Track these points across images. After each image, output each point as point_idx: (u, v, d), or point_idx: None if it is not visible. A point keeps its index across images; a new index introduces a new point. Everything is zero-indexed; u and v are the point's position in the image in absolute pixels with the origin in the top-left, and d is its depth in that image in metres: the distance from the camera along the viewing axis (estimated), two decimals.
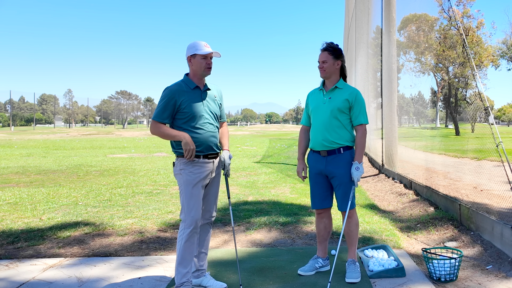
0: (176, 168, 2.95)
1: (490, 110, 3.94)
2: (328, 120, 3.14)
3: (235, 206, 5.88)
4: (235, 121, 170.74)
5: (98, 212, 5.58)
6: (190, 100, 2.90)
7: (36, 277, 3.30)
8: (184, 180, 2.88)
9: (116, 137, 37.33)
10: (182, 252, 2.85)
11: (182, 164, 2.90)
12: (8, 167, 11.65)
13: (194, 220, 2.87)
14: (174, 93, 2.87)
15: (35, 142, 26.99)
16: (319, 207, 3.31)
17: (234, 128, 79.06)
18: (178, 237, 2.91)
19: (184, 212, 2.89)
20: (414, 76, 26.60)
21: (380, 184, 7.77)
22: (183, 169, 2.89)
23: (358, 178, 3.13)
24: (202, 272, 3.09)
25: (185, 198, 2.87)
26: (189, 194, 2.86)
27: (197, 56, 2.90)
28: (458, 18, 4.92)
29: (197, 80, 2.97)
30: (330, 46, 3.21)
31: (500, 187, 4.78)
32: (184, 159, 2.89)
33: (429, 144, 9.77)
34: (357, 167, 3.12)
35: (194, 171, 2.89)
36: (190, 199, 2.86)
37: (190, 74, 3.00)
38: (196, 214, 2.88)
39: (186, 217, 2.87)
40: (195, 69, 2.93)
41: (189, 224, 2.86)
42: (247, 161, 13.03)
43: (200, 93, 2.96)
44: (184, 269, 2.85)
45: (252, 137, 37.45)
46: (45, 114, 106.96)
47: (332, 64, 3.18)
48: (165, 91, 2.90)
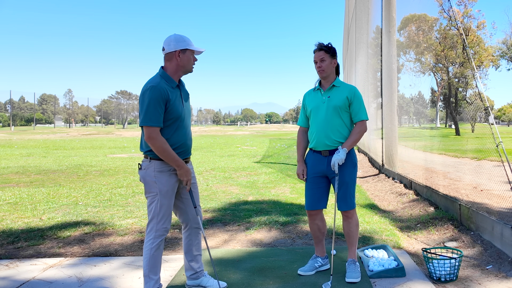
0: (149, 173, 2.67)
1: (490, 110, 3.94)
2: (330, 119, 3.13)
3: (235, 206, 5.88)
4: (235, 121, 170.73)
5: (98, 212, 5.59)
6: (174, 100, 2.66)
7: (36, 277, 3.30)
8: (160, 189, 2.66)
9: (116, 137, 37.33)
10: (153, 261, 2.72)
11: (157, 171, 2.66)
12: (8, 167, 11.65)
13: (166, 230, 2.74)
14: (165, 92, 2.60)
15: (35, 142, 26.99)
16: (313, 208, 3.28)
17: (234, 128, 79.04)
18: (146, 246, 2.72)
19: (154, 222, 2.70)
20: (414, 76, 26.61)
21: (380, 184, 7.77)
22: (158, 176, 2.66)
23: (335, 163, 3.03)
24: (200, 272, 3.04)
25: (158, 207, 2.68)
26: (163, 204, 2.68)
27: (187, 52, 2.71)
28: (458, 18, 4.93)
29: (177, 77, 2.74)
30: (325, 45, 3.18)
31: (500, 187, 4.78)
32: (159, 165, 2.67)
33: (429, 144, 9.77)
34: (338, 151, 3.05)
35: (171, 180, 2.70)
36: (162, 209, 2.69)
37: (169, 69, 2.71)
38: (168, 224, 2.74)
39: (156, 227, 2.70)
40: (183, 64, 2.71)
41: (160, 234, 2.72)
42: (247, 161, 13.03)
43: (179, 92, 2.76)
44: (155, 276, 2.75)
45: (252, 137, 37.45)
46: (45, 114, 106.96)
47: (329, 63, 3.17)
48: (152, 90, 2.56)
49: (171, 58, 2.71)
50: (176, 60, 2.70)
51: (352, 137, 3.13)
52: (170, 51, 2.69)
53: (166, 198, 2.70)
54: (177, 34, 2.73)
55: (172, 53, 2.69)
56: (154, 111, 2.55)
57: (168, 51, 2.69)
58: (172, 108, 2.64)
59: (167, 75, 2.70)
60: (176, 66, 2.71)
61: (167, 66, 2.73)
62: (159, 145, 2.58)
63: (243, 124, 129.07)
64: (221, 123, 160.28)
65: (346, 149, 3.07)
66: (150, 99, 2.55)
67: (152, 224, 2.72)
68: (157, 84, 2.60)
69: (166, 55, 2.72)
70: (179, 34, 2.75)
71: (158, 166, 2.67)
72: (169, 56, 2.71)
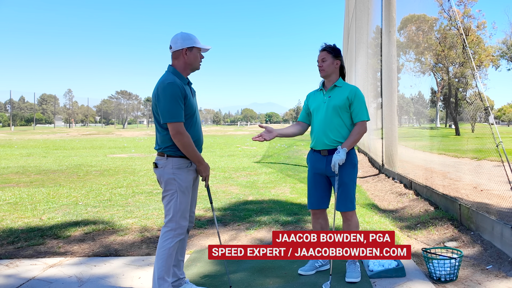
0: (167, 171, 2.67)
1: (490, 110, 3.94)
2: (329, 119, 3.14)
3: (235, 206, 5.88)
4: (235, 121, 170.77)
5: (98, 212, 5.59)
6: (189, 96, 2.70)
7: (36, 277, 3.30)
8: (179, 186, 2.66)
9: (116, 137, 37.32)
10: (170, 261, 2.66)
11: (175, 168, 2.66)
12: (8, 167, 11.65)
13: (185, 228, 2.72)
14: (182, 88, 2.61)
15: (35, 142, 26.99)
16: (316, 207, 3.29)
17: (234, 128, 79.01)
18: (164, 246, 2.65)
19: (174, 221, 2.67)
20: (414, 76, 26.62)
21: (380, 184, 7.77)
22: (177, 173, 2.66)
23: (335, 163, 3.02)
24: (183, 279, 2.92)
25: (178, 205, 2.66)
26: (182, 201, 2.68)
27: (194, 49, 2.72)
28: (458, 18, 4.92)
29: (186, 74, 2.76)
30: (329, 46, 3.23)
31: (500, 187, 4.77)
32: (177, 162, 2.67)
33: (429, 144, 9.78)
34: (338, 151, 3.04)
35: (189, 176, 2.72)
36: (182, 206, 2.68)
37: (178, 67, 2.73)
38: (186, 222, 2.73)
39: (176, 225, 2.67)
40: (190, 62, 2.72)
41: (180, 233, 2.69)
42: (247, 161, 13.03)
43: (190, 89, 2.79)
44: (169, 278, 2.68)
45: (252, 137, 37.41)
46: (45, 114, 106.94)
47: (331, 63, 3.18)
48: (171, 86, 2.56)
49: (178, 56, 2.72)
50: (183, 58, 2.71)
51: (352, 137, 3.13)
52: (177, 49, 2.70)
53: (185, 195, 2.69)
54: (183, 32, 2.74)
55: (179, 51, 2.70)
56: (177, 106, 2.57)
57: (175, 49, 2.70)
58: (189, 104, 2.67)
59: (178, 72, 2.71)
60: (183, 64, 2.73)
61: (175, 64, 2.74)
62: (186, 140, 2.60)
63: (243, 124, 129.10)
64: (221, 123, 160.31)
65: (346, 149, 3.07)
66: (171, 96, 2.56)
67: (172, 223, 2.67)
68: (173, 80, 2.61)
69: (173, 53, 2.73)
70: (185, 32, 2.76)
71: (176, 163, 2.67)
72: (176, 54, 2.72)
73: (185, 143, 2.60)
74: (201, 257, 3.72)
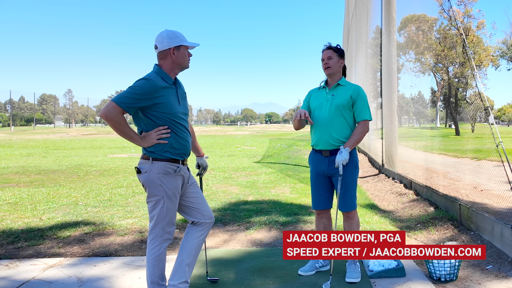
0: (152, 177, 2.52)
1: (490, 110, 3.94)
2: (332, 117, 3.13)
3: (235, 206, 5.88)
4: (235, 121, 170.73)
5: (98, 212, 5.59)
6: (168, 96, 2.54)
7: (36, 277, 3.30)
8: (165, 192, 2.53)
9: (116, 137, 37.30)
10: (161, 266, 2.62)
11: (161, 174, 2.53)
12: (8, 167, 11.65)
13: (173, 233, 2.64)
14: (154, 89, 2.47)
15: (35, 142, 26.99)
16: (320, 207, 3.31)
17: (234, 128, 79.04)
18: (152, 254, 2.58)
19: (160, 227, 2.56)
20: (414, 76, 26.61)
21: (380, 184, 7.77)
22: (163, 179, 2.53)
23: (339, 163, 3.01)
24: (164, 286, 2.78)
25: (164, 212, 2.55)
26: (169, 208, 2.56)
27: (182, 48, 2.59)
28: (458, 18, 4.93)
29: (173, 74, 2.62)
30: (334, 46, 3.25)
31: (500, 187, 4.77)
32: (163, 167, 2.53)
33: (429, 144, 9.78)
34: (341, 151, 3.03)
35: (177, 181, 2.59)
36: (169, 213, 2.57)
37: (165, 67, 2.59)
38: (173, 227, 2.64)
39: (162, 231, 2.57)
40: (179, 61, 2.59)
41: (166, 239, 2.61)
42: (247, 161, 13.03)
43: (175, 90, 2.63)
44: (163, 281, 2.66)
45: (252, 137, 37.45)
46: (45, 114, 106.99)
47: (337, 62, 3.20)
48: (141, 82, 2.46)
49: (166, 56, 2.58)
50: (171, 57, 2.58)
51: (354, 137, 3.12)
52: (164, 49, 2.56)
53: (172, 201, 2.58)
54: (169, 30, 2.60)
55: (166, 51, 2.57)
56: (128, 94, 2.43)
57: (161, 49, 2.56)
58: (164, 106, 2.52)
59: (164, 72, 2.57)
60: (171, 63, 2.59)
61: (162, 64, 2.60)
62: (116, 119, 2.44)
63: (243, 124, 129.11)
64: (221, 123, 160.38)
65: (349, 149, 3.07)
66: (132, 87, 2.45)
67: (157, 230, 2.58)
68: (149, 77, 2.49)
69: (159, 53, 2.59)
70: (171, 30, 2.62)
71: (163, 168, 2.53)
72: (163, 54, 2.58)
73: (116, 124, 2.47)
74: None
